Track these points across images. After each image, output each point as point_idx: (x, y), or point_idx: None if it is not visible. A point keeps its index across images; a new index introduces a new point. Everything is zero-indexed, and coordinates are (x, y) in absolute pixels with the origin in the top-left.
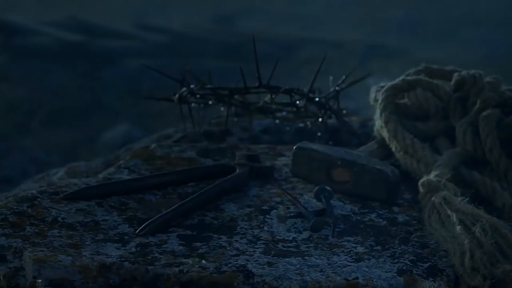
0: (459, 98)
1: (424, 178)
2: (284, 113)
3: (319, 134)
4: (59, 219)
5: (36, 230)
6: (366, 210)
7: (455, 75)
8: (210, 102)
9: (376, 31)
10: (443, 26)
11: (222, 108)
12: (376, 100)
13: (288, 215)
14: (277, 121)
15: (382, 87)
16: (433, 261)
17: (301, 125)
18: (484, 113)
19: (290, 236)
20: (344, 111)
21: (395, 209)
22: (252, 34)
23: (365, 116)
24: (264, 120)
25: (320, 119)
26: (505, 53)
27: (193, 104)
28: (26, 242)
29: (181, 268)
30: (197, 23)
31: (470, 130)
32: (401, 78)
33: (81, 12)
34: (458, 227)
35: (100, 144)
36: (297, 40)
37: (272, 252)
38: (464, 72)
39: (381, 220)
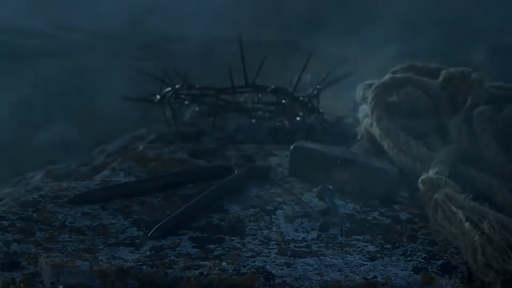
0: (449, 95)
1: (424, 176)
2: (260, 112)
3: (300, 132)
4: (67, 223)
5: (47, 235)
6: (368, 209)
7: (443, 72)
8: (186, 102)
9: (285, 29)
10: (351, 23)
11: (196, 108)
12: (364, 98)
13: (296, 215)
14: (253, 120)
15: (369, 85)
16: (445, 258)
17: (278, 124)
18: (478, 109)
19: (299, 236)
20: (322, 110)
21: (396, 207)
22: (163, 33)
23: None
24: (238, 119)
25: (298, 118)
26: (417, 50)
27: (171, 104)
28: (39, 247)
29: (200, 271)
30: (113, 22)
31: (465, 127)
32: (389, 76)
33: None
34: (467, 224)
35: (35, 146)
36: (213, 39)
37: (288, 253)
38: (452, 69)
39: (384, 218)
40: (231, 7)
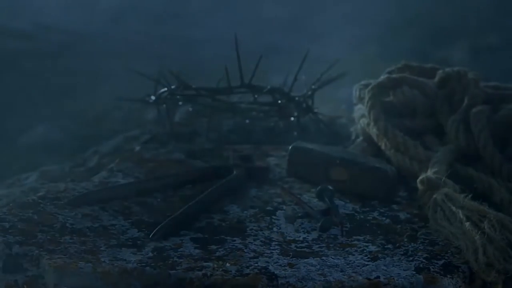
0: (445, 95)
1: (423, 176)
2: (254, 113)
3: (295, 133)
4: (68, 224)
5: (48, 237)
6: (368, 209)
7: (439, 72)
8: (180, 103)
9: (262, 31)
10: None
11: (190, 109)
12: (361, 98)
13: (296, 215)
14: (247, 120)
15: (365, 85)
16: (446, 258)
17: (272, 124)
18: (475, 109)
19: (300, 236)
20: (316, 110)
21: (395, 207)
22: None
23: None
24: (231, 120)
25: (292, 118)
26: (394, 52)
27: (164, 105)
28: (41, 249)
29: (204, 271)
30: (92, 23)
31: (462, 127)
32: (385, 76)
33: None
34: (467, 224)
35: (19, 147)
36: (192, 40)
37: (290, 253)
38: (448, 69)
39: (384, 218)
40: None
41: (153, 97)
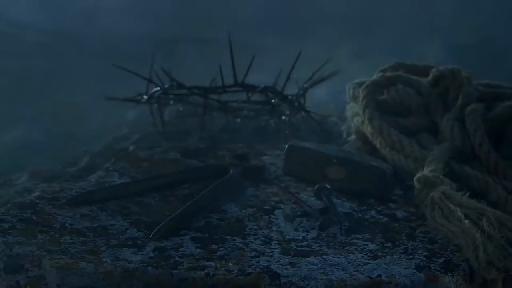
0: (439, 93)
1: (420, 174)
2: (245, 112)
3: (287, 131)
4: (67, 225)
5: (48, 237)
6: (365, 207)
7: (433, 70)
8: (171, 102)
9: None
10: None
11: (181, 108)
12: (354, 96)
13: (295, 214)
14: (238, 119)
15: (359, 84)
16: (446, 256)
17: (263, 123)
18: (470, 108)
19: (299, 235)
20: (308, 108)
21: (392, 205)
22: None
23: None
24: (222, 119)
25: (284, 117)
26: (370, 49)
27: (155, 104)
28: (42, 250)
29: (206, 271)
30: (67, 22)
31: (457, 125)
32: (379, 74)
33: None
34: (466, 222)
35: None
36: (171, 37)
37: (291, 252)
38: (442, 68)
39: (382, 216)
40: None
41: (145, 97)
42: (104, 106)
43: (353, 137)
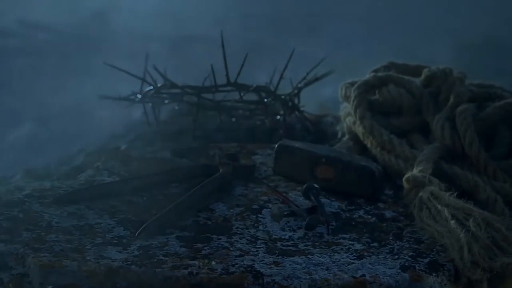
0: (431, 93)
1: (409, 174)
2: (240, 111)
3: (281, 131)
4: (53, 223)
5: (34, 236)
6: (353, 207)
7: (425, 70)
8: (166, 101)
9: (244, 27)
10: (307, 21)
11: (176, 107)
12: (346, 96)
13: (282, 213)
14: (233, 119)
15: (351, 83)
16: (431, 256)
17: (258, 122)
18: (460, 108)
19: (286, 234)
20: (302, 108)
21: (381, 205)
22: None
23: None
24: (217, 118)
25: (278, 117)
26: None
27: (150, 104)
28: (27, 247)
29: (190, 270)
30: (74, 20)
31: (448, 125)
32: (371, 74)
33: None
34: (452, 222)
35: (5, 145)
36: (178, 37)
37: (276, 252)
38: (434, 68)
39: (370, 216)
40: None
41: (139, 95)
42: (111, 105)
43: (346, 137)
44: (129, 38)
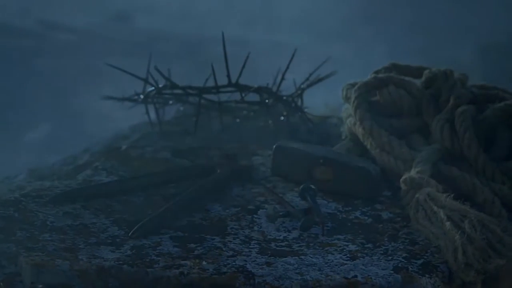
0: (431, 95)
1: (406, 175)
2: (244, 112)
3: (284, 132)
4: (48, 222)
5: (28, 235)
6: (350, 208)
7: (426, 72)
8: (170, 102)
9: (272, 29)
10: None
11: (181, 108)
12: (347, 97)
13: (277, 214)
14: (237, 120)
15: (352, 84)
16: (425, 257)
17: (262, 124)
18: (460, 109)
19: (280, 235)
20: (306, 109)
21: (378, 206)
22: (152, 31)
23: None
24: (222, 119)
25: (282, 118)
26: (405, 50)
27: (152, 104)
28: (20, 247)
29: (181, 270)
30: (98, 21)
31: (447, 127)
32: (372, 75)
33: None
34: (447, 223)
35: (23, 145)
36: (200, 38)
37: (269, 252)
38: (435, 69)
39: (366, 217)
40: None
41: (141, 96)
42: (126, 106)
43: (347, 138)
44: (150, 38)
